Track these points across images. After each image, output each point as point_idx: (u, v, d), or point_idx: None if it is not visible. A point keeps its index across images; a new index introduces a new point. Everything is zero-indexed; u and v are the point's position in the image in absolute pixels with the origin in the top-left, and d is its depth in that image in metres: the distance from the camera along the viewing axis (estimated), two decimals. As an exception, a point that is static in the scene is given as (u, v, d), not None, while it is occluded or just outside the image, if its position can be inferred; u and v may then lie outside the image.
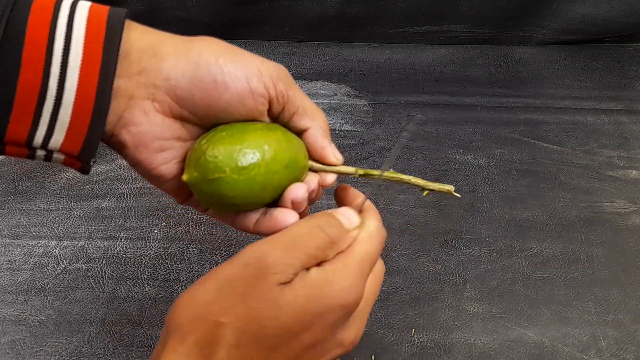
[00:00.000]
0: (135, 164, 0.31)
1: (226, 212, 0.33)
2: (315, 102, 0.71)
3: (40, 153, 0.28)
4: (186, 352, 0.27)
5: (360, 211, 0.33)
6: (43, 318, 0.51)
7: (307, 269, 0.28)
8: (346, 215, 0.31)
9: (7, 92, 0.25)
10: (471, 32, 0.77)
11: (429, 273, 0.55)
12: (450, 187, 0.35)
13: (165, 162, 0.31)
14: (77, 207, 0.59)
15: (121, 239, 0.57)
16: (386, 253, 0.56)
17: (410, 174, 0.37)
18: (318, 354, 0.29)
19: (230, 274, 0.28)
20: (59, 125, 0.27)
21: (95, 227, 0.57)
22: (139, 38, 0.29)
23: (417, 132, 0.67)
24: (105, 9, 0.28)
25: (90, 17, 0.27)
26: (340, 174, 0.35)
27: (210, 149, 0.29)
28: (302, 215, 0.33)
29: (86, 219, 0.58)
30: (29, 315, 0.51)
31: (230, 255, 0.55)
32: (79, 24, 0.27)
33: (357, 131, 0.67)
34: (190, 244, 0.56)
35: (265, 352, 0.27)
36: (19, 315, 0.51)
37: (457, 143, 0.66)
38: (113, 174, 0.62)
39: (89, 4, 0.28)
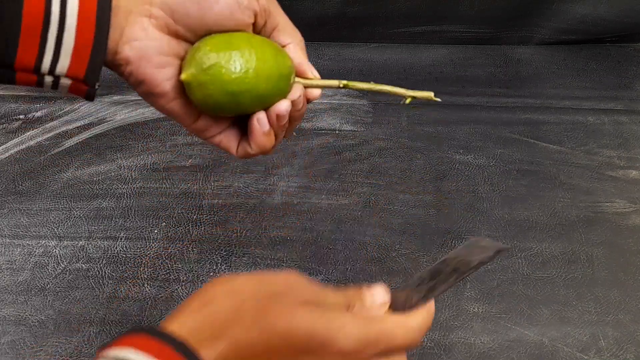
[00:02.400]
0: (140, 82, 0.32)
1: (223, 113, 0.35)
2: (316, 102, 0.71)
3: (48, 79, 0.29)
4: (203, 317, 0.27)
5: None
6: (43, 318, 0.51)
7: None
8: (371, 292, 0.31)
9: (13, 20, 0.26)
10: (471, 32, 0.77)
11: (429, 273, 0.55)
12: (430, 93, 0.39)
13: (168, 78, 0.33)
14: (77, 207, 0.59)
15: (121, 239, 0.57)
16: (386, 253, 0.56)
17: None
18: None
19: (268, 290, 0.28)
20: (64, 49, 0.28)
21: (95, 227, 0.57)
22: None
23: (417, 132, 0.67)
24: None
25: None
26: (324, 87, 0.38)
27: (203, 46, 0.32)
28: (282, 129, 0.36)
29: (86, 219, 0.58)
30: (29, 315, 0.51)
31: (230, 255, 0.55)
32: None
33: (357, 131, 0.67)
34: (190, 244, 0.56)
35: None
36: (19, 315, 0.51)
37: (457, 143, 0.66)
38: (113, 174, 0.62)
39: None
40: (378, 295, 0.31)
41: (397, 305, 0.30)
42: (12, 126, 0.65)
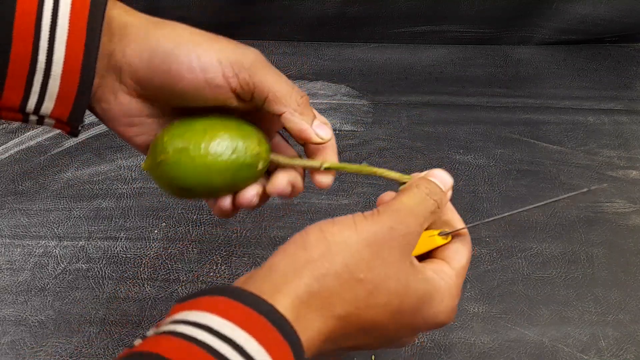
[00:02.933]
0: (115, 132, 0.33)
1: (183, 197, 0.34)
2: (316, 102, 0.71)
3: (33, 118, 0.30)
4: (315, 287, 0.27)
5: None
6: (43, 318, 0.51)
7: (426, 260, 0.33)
8: (440, 178, 0.34)
9: (1, 63, 0.27)
10: (471, 32, 0.77)
11: (429, 273, 0.55)
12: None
13: (139, 134, 0.33)
14: (77, 207, 0.59)
15: (121, 239, 0.57)
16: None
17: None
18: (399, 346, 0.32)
19: (378, 234, 0.29)
20: (48, 94, 0.29)
21: (95, 227, 0.57)
22: (115, 18, 0.30)
23: (417, 132, 0.67)
24: None
25: None
26: (305, 168, 0.35)
27: (162, 135, 0.31)
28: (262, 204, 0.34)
29: (86, 219, 0.58)
30: (29, 315, 0.51)
31: (230, 255, 0.55)
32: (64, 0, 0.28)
33: (357, 131, 0.67)
34: (190, 244, 0.56)
35: (383, 326, 0.29)
36: (19, 315, 0.51)
37: (457, 143, 0.66)
38: (113, 174, 0.62)
39: None
40: (447, 178, 0.35)
41: None
42: (12, 126, 0.65)
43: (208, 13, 0.72)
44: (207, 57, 0.30)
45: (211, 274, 0.54)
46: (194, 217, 0.58)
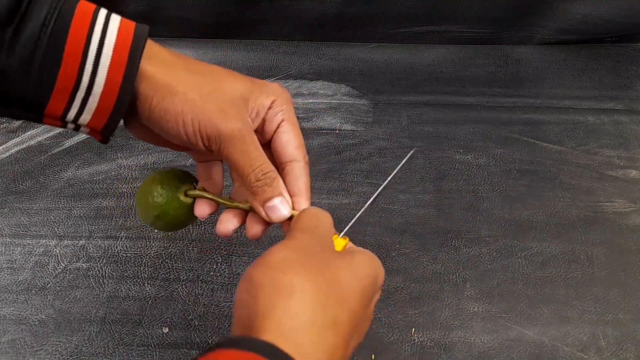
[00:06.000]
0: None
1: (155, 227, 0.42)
2: (316, 102, 0.71)
3: (71, 125, 0.34)
4: (298, 305, 0.28)
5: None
6: (43, 317, 0.51)
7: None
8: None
9: (50, 78, 0.31)
10: (471, 32, 0.77)
11: (429, 272, 0.55)
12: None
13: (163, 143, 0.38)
14: (78, 207, 0.59)
15: (121, 238, 0.57)
16: (386, 252, 0.56)
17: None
18: (365, 323, 0.33)
19: (311, 243, 0.33)
20: (87, 108, 0.33)
21: (96, 227, 0.57)
22: (147, 65, 0.34)
23: (417, 132, 0.67)
24: (132, 24, 0.33)
25: (121, 27, 0.32)
26: (229, 206, 0.39)
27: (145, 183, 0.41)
28: None
29: (86, 219, 0.58)
30: (30, 314, 0.51)
31: (230, 255, 0.55)
32: (111, 31, 0.32)
33: (357, 131, 0.67)
34: (190, 244, 0.56)
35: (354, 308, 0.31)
36: (20, 314, 0.51)
37: (457, 143, 0.66)
38: (113, 173, 0.62)
39: (120, 17, 0.33)
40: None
41: None
42: (13, 125, 0.65)
43: (208, 13, 0.73)
44: (190, 129, 0.34)
45: (211, 273, 0.54)
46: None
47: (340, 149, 0.65)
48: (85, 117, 0.33)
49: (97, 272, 0.54)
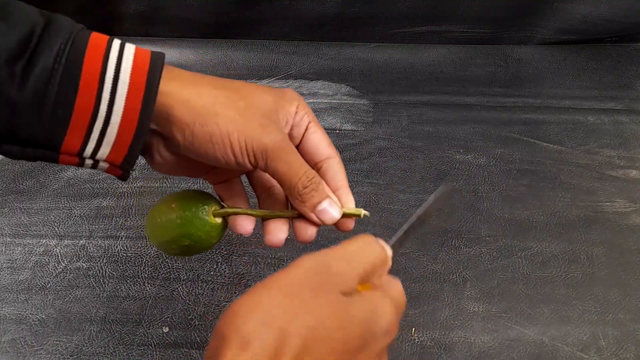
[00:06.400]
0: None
1: (168, 252, 0.40)
2: (316, 102, 0.71)
3: (89, 162, 0.33)
4: (250, 358, 0.26)
5: None
6: (44, 317, 0.51)
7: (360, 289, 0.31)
8: (383, 244, 0.35)
9: (66, 111, 0.30)
10: (471, 32, 0.77)
11: (429, 272, 0.55)
12: (360, 210, 0.38)
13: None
14: (78, 206, 0.59)
15: (122, 238, 0.57)
16: (386, 252, 0.56)
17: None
18: None
19: (295, 280, 0.29)
20: (106, 140, 0.32)
21: (96, 226, 0.57)
22: (175, 87, 0.33)
23: (417, 132, 0.67)
24: (147, 51, 0.32)
25: (137, 53, 0.32)
26: (252, 215, 0.39)
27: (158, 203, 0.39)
28: None
29: (87, 218, 0.58)
30: (30, 314, 0.51)
31: (231, 254, 0.55)
32: (127, 57, 0.31)
33: (358, 130, 0.67)
34: (190, 243, 0.56)
35: None
36: (20, 313, 0.51)
37: (458, 142, 0.66)
38: (114, 173, 0.62)
39: (134, 45, 0.32)
40: (387, 247, 0.35)
41: None
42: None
43: (208, 13, 0.73)
44: (237, 148, 0.33)
45: (212, 272, 0.54)
46: (195, 216, 0.58)
47: (341, 149, 0.65)
48: (104, 151, 0.32)
49: (98, 271, 0.54)
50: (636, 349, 0.50)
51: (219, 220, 0.37)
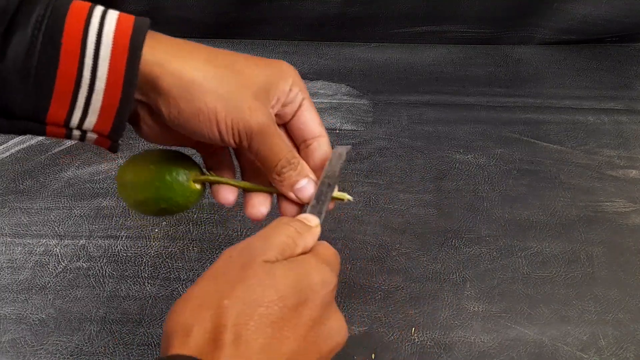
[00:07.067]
0: None
1: (138, 211, 0.39)
2: (316, 102, 0.71)
3: (76, 133, 0.32)
4: (195, 343, 0.27)
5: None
6: (44, 316, 0.51)
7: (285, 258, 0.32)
8: (304, 217, 0.36)
9: (48, 80, 0.29)
10: (471, 32, 0.77)
11: (429, 272, 0.55)
12: (345, 195, 0.40)
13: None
14: (78, 206, 0.59)
15: (122, 237, 0.57)
16: (386, 252, 0.56)
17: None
18: (321, 336, 0.30)
19: (220, 265, 0.31)
20: (92, 108, 0.31)
21: (96, 226, 0.57)
22: (161, 53, 0.32)
23: (417, 132, 0.67)
24: (131, 16, 0.32)
25: (120, 18, 0.31)
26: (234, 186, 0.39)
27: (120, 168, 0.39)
28: None
29: (87, 218, 0.58)
30: (30, 313, 0.51)
31: (231, 254, 0.55)
32: (109, 21, 0.30)
33: (358, 130, 0.67)
34: (190, 243, 0.56)
35: (274, 328, 0.28)
36: (20, 313, 0.51)
37: (458, 142, 0.66)
38: (114, 173, 0.62)
39: (117, 11, 0.31)
40: (312, 218, 0.36)
41: None
42: (13, 125, 0.65)
43: (208, 13, 0.73)
44: (223, 126, 0.33)
45: (211, 272, 0.54)
46: (195, 216, 0.58)
47: (341, 149, 0.65)
48: (91, 120, 0.31)
49: (98, 271, 0.54)
50: (636, 349, 0.50)
51: (198, 186, 0.37)
